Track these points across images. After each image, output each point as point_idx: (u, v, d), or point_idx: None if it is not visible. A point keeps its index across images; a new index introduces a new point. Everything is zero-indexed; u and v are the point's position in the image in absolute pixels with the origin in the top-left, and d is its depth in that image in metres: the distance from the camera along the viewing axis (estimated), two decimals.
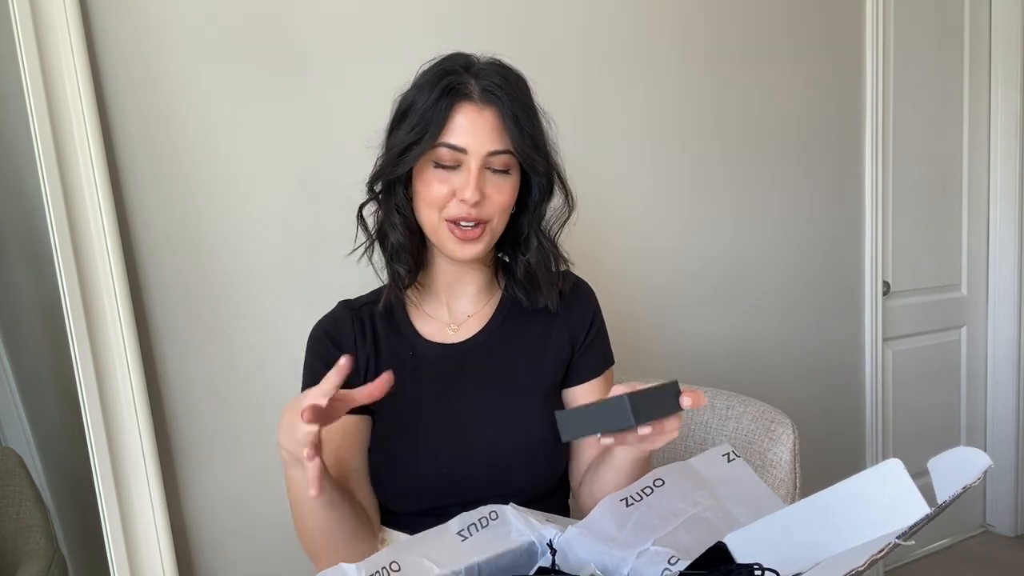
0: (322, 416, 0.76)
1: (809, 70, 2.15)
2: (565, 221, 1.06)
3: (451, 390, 1.03)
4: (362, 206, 1.05)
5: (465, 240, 0.96)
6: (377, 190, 1.02)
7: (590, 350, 1.08)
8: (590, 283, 1.15)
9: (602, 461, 0.97)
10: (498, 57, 0.99)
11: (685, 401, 0.75)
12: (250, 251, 1.36)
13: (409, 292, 1.06)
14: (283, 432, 0.80)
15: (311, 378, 1.04)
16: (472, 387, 1.03)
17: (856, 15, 2.26)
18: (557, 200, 1.05)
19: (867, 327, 2.37)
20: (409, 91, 0.97)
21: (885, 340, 2.44)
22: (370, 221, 1.06)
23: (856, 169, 2.31)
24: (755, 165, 2.06)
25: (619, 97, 1.79)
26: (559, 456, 1.06)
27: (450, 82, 0.93)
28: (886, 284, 2.42)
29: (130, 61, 1.25)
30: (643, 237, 1.86)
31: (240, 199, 1.35)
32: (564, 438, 0.75)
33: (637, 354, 1.82)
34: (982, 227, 2.72)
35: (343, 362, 0.77)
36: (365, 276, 1.12)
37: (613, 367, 1.11)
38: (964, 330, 2.71)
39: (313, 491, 0.77)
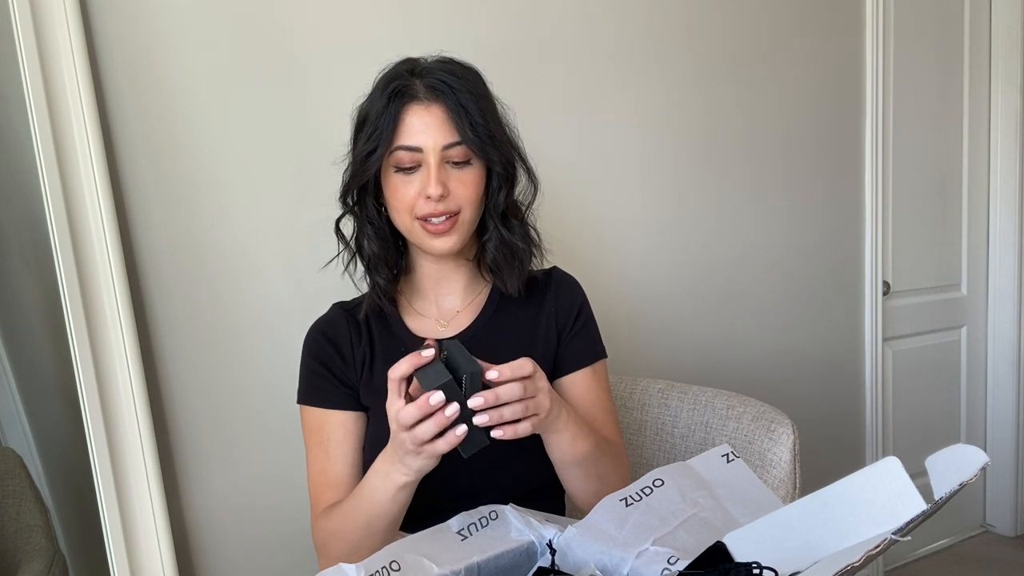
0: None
1: (809, 69, 2.15)
2: (530, 204, 1.07)
3: None
4: (338, 220, 1.07)
5: (438, 234, 0.98)
6: (351, 203, 1.04)
7: (576, 339, 1.09)
8: (591, 282, 1.16)
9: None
10: (448, 55, 1.02)
11: (491, 374, 0.79)
12: (250, 251, 1.36)
13: (399, 293, 1.09)
14: (408, 452, 0.83)
15: (309, 379, 1.05)
16: None
17: (856, 15, 2.26)
18: (524, 183, 1.07)
19: (867, 327, 2.37)
20: (364, 102, 1.01)
21: (885, 340, 2.44)
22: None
23: (856, 169, 2.31)
24: (755, 165, 2.06)
25: (622, 101, 1.79)
26: None
27: (396, 86, 0.96)
28: (886, 284, 2.42)
29: (130, 61, 1.25)
30: (643, 237, 1.86)
31: (240, 199, 1.35)
32: (424, 387, 0.79)
33: (637, 354, 1.82)
34: (982, 227, 2.72)
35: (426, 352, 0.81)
36: (356, 286, 1.13)
37: (606, 361, 1.12)
38: (964, 330, 2.71)
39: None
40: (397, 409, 0.80)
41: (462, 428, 0.79)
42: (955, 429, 2.71)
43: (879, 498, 0.66)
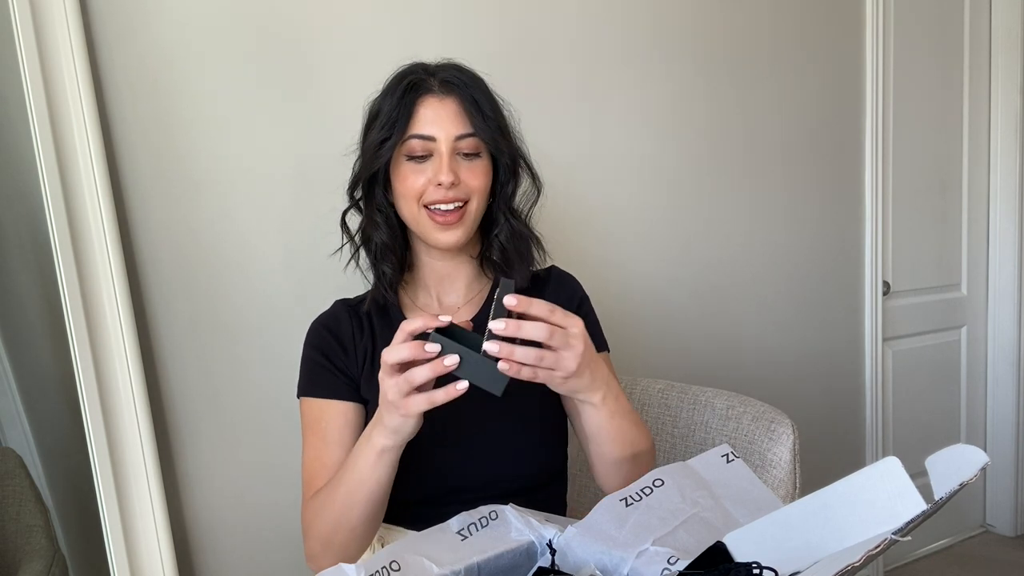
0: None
1: (809, 71, 2.16)
2: (534, 203, 1.11)
3: None
4: (344, 213, 1.09)
5: (446, 224, 1.00)
6: (357, 196, 1.07)
7: None
8: (591, 282, 1.17)
9: (581, 435, 0.98)
10: (451, 58, 1.06)
11: (510, 301, 0.78)
12: (250, 250, 1.36)
13: (401, 289, 1.10)
14: (388, 406, 0.82)
15: (310, 370, 1.06)
16: None
17: (856, 16, 2.26)
18: (527, 185, 1.10)
19: (867, 327, 2.37)
20: (377, 97, 1.04)
21: (885, 340, 2.44)
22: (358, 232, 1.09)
23: (856, 169, 2.31)
24: (755, 165, 2.06)
25: (622, 101, 1.79)
26: (556, 444, 1.07)
27: (411, 80, 1.01)
28: (886, 284, 2.42)
29: (130, 61, 1.25)
30: (643, 237, 1.86)
31: (240, 199, 1.35)
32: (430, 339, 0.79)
33: (637, 354, 1.82)
34: (982, 227, 2.72)
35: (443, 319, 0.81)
36: (364, 276, 1.13)
37: (608, 354, 1.12)
38: (964, 330, 2.71)
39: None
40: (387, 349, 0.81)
41: (463, 384, 0.78)
42: (955, 429, 2.71)
43: (879, 498, 0.66)
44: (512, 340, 0.79)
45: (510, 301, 0.78)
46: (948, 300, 2.66)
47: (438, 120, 0.99)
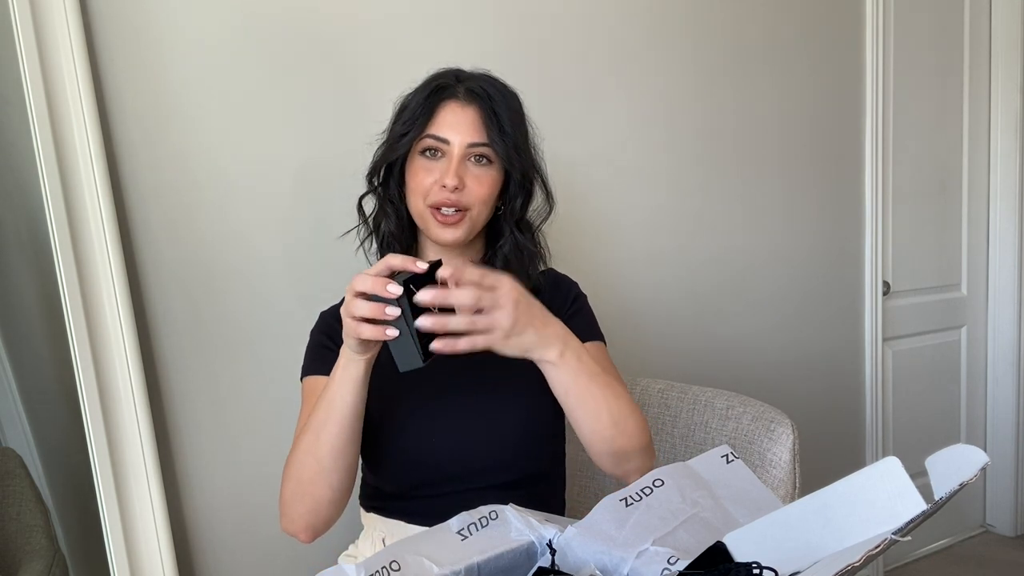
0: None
1: (809, 70, 2.15)
2: (544, 220, 1.14)
3: (449, 370, 1.04)
4: (361, 198, 1.13)
5: (446, 224, 1.03)
6: (375, 184, 1.11)
7: (571, 321, 1.09)
8: (590, 282, 1.18)
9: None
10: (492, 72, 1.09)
11: (444, 272, 0.82)
12: (250, 250, 1.36)
13: None
14: (345, 327, 0.86)
15: (313, 351, 1.09)
16: (470, 368, 1.04)
17: (856, 15, 2.26)
18: (540, 201, 1.13)
19: (867, 327, 2.37)
20: (408, 94, 1.08)
21: (885, 340, 2.44)
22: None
23: (856, 169, 2.31)
24: (755, 166, 2.06)
25: (623, 101, 1.79)
26: (555, 436, 1.08)
27: (439, 83, 1.05)
28: (886, 284, 2.42)
29: (130, 61, 1.25)
30: (642, 237, 1.86)
31: (240, 198, 1.35)
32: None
33: (637, 354, 1.82)
34: (982, 227, 2.72)
35: (422, 265, 0.83)
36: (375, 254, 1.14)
37: (603, 345, 1.12)
38: (964, 330, 2.71)
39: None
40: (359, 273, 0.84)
41: (392, 331, 0.81)
42: (955, 429, 2.71)
43: (879, 498, 0.66)
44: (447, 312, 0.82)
45: (444, 272, 0.82)
46: (948, 300, 2.66)
47: (456, 125, 1.02)
